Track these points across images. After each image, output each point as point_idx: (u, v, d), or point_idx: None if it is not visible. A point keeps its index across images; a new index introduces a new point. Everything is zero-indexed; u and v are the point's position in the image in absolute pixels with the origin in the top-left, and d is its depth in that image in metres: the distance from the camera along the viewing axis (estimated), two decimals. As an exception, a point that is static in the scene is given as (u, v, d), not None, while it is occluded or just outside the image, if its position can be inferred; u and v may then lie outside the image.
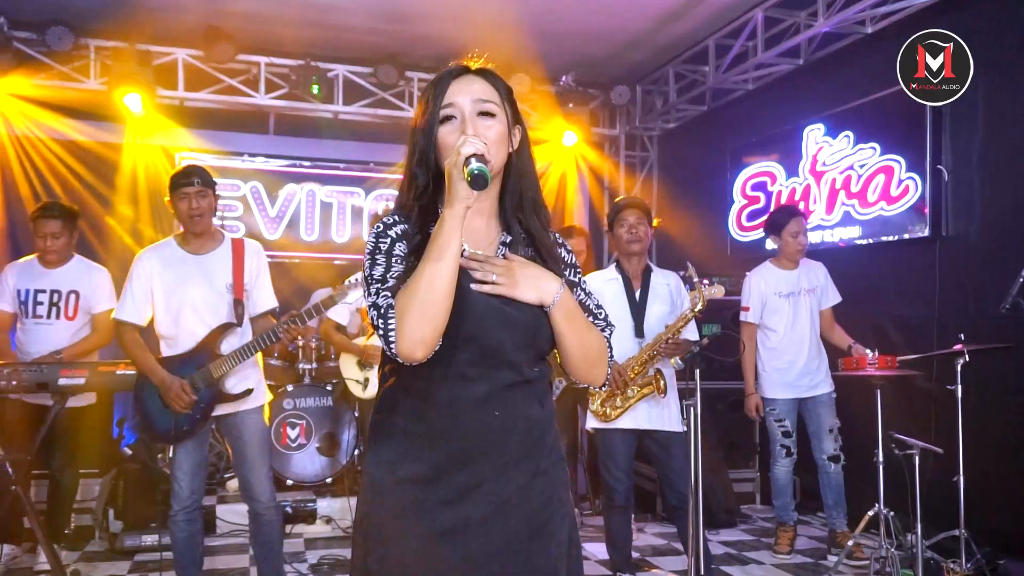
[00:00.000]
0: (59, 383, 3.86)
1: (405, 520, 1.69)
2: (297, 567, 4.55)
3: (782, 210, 5.18)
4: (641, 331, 3.98)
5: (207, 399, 3.52)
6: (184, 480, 3.52)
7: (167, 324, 3.57)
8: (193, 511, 3.56)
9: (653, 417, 3.90)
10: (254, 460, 3.61)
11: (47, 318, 4.47)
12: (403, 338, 1.60)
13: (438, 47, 7.10)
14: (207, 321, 3.56)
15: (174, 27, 6.55)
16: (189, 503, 3.54)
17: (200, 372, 3.51)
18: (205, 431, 3.62)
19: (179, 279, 3.54)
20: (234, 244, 3.68)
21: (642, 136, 8.20)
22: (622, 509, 3.97)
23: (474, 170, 1.59)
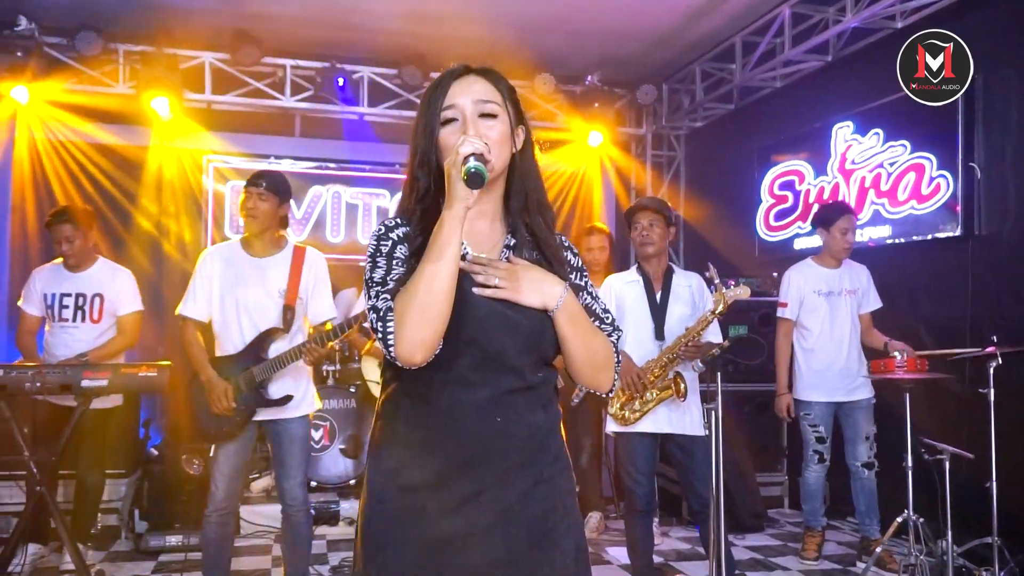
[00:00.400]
0: (82, 385, 3.91)
1: (406, 528, 1.67)
2: (319, 569, 4.56)
3: (834, 205, 5.04)
4: (661, 333, 3.92)
5: (248, 402, 3.55)
6: (222, 482, 3.55)
7: (221, 324, 3.63)
8: (227, 514, 3.58)
9: (674, 421, 3.84)
10: (291, 467, 3.63)
11: (73, 321, 4.51)
12: (402, 341, 1.58)
13: (463, 48, 7.08)
14: (258, 324, 3.60)
15: (201, 31, 6.60)
16: (223, 506, 3.56)
17: (244, 374, 3.55)
18: (248, 436, 3.62)
19: (235, 280, 3.60)
20: (295, 251, 3.71)
21: (669, 135, 8.12)
22: (643, 513, 3.92)
23: (471, 168, 1.56)
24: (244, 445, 3.62)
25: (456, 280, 1.60)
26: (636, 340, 3.94)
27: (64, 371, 3.95)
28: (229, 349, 3.61)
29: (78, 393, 3.94)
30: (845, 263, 4.87)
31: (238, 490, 3.66)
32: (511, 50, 7.16)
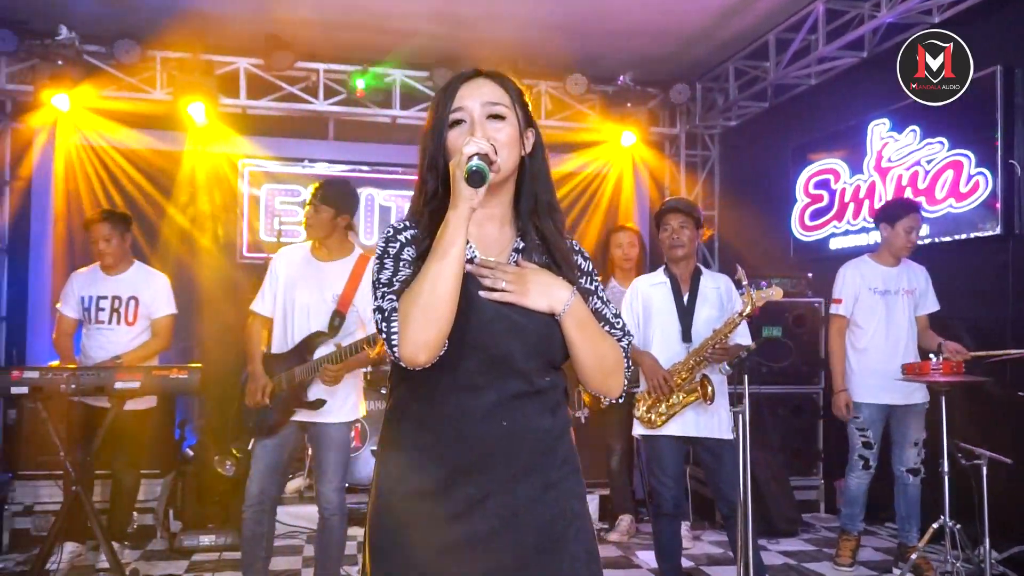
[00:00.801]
0: (115, 387, 4.01)
1: (411, 534, 1.66)
2: (349, 570, 4.58)
3: (901, 203, 4.85)
4: (689, 336, 3.88)
5: (286, 401, 3.62)
6: (256, 477, 3.61)
7: (278, 322, 3.73)
8: (260, 511, 3.61)
9: (702, 424, 3.80)
10: (328, 471, 3.66)
11: (108, 324, 4.60)
12: (405, 341, 1.57)
13: (495, 49, 7.09)
14: (308, 326, 3.66)
15: (236, 37, 6.69)
16: (256, 502, 3.60)
17: (286, 374, 3.62)
18: (287, 434, 3.66)
19: (296, 281, 3.68)
20: (359, 258, 3.77)
21: (703, 135, 8.04)
22: (671, 517, 3.87)
23: (472, 167, 1.56)
24: (283, 442, 3.66)
25: (461, 281, 1.59)
26: (663, 342, 3.90)
27: (98, 373, 4.04)
28: (279, 347, 3.70)
29: (111, 395, 4.03)
30: (903, 262, 4.71)
31: (275, 487, 3.69)
32: (542, 51, 7.16)
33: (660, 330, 3.92)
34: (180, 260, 6.83)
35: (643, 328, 3.98)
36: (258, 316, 3.77)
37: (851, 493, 4.73)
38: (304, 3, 6.22)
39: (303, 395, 3.61)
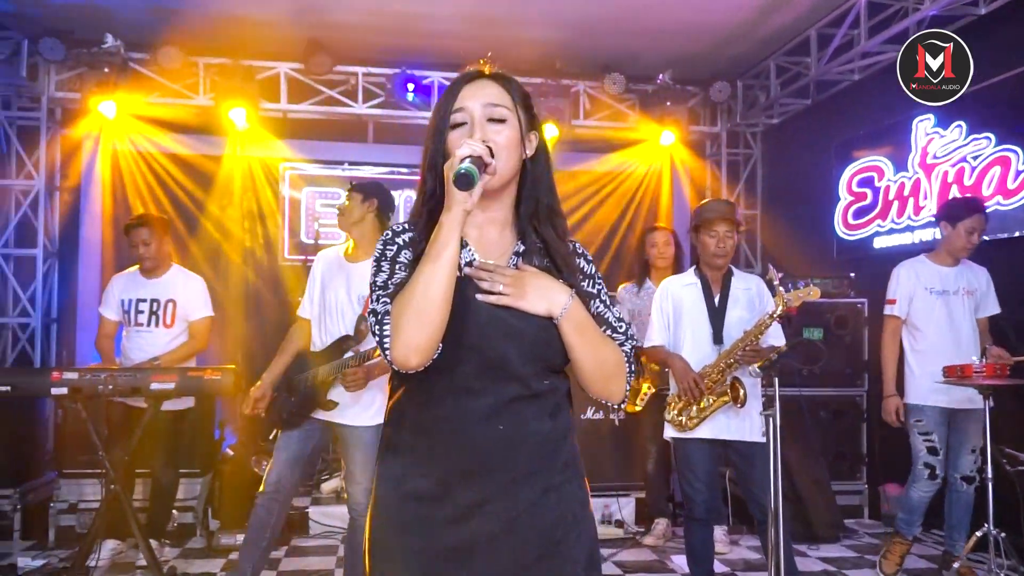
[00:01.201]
0: (151, 388, 4.05)
1: (409, 538, 1.65)
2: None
3: (966, 202, 4.64)
4: (720, 338, 3.81)
5: (306, 400, 3.67)
6: (276, 466, 3.66)
7: (315, 322, 3.79)
8: (273, 501, 3.64)
9: (733, 427, 3.73)
10: (356, 472, 3.67)
11: (147, 326, 4.69)
12: (397, 344, 1.57)
13: (532, 50, 7.07)
14: (343, 327, 3.69)
15: (276, 42, 6.78)
16: (272, 490, 3.63)
17: (312, 371, 3.66)
18: (310, 431, 3.69)
19: (329, 282, 3.74)
20: None
21: (744, 133, 7.92)
22: (702, 522, 3.81)
23: (460, 170, 1.54)
24: (306, 436, 3.69)
25: (453, 284, 1.58)
26: (694, 344, 3.84)
27: (134, 374, 4.09)
28: (316, 347, 3.75)
29: (147, 395, 4.08)
30: (963, 262, 4.54)
31: (292, 481, 3.70)
32: (578, 51, 7.13)
33: (691, 332, 3.86)
34: (222, 262, 6.95)
35: (673, 329, 3.92)
36: (300, 320, 3.86)
37: (911, 503, 4.51)
38: (342, 8, 6.28)
39: (323, 394, 3.63)
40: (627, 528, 5.38)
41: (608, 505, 5.44)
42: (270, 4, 6.20)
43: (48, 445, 5.70)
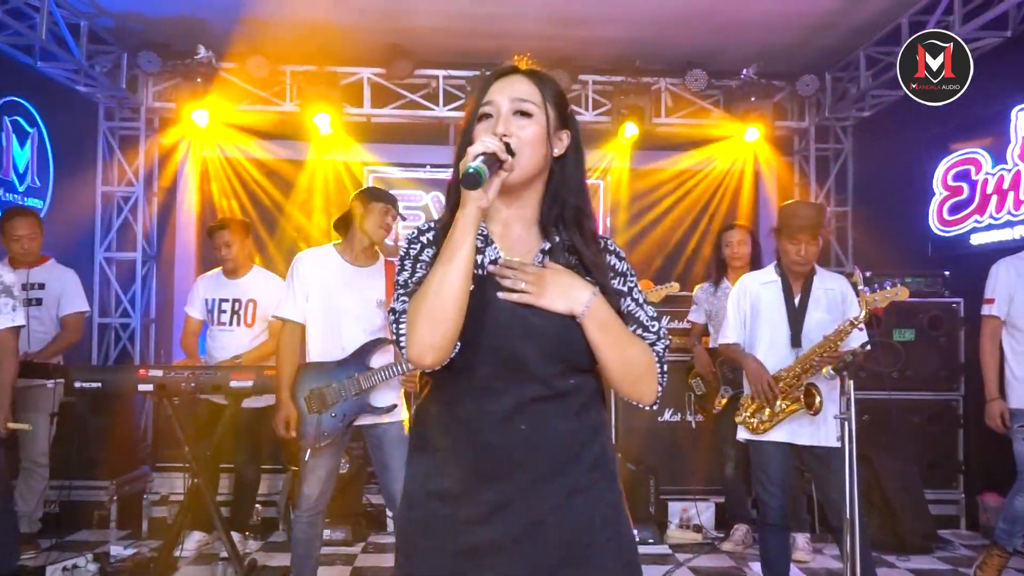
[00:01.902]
0: (231, 385, 4.21)
1: (433, 536, 1.65)
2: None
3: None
4: (798, 340, 3.67)
5: (352, 410, 3.62)
6: (315, 485, 3.63)
7: (319, 329, 3.67)
8: (316, 515, 3.67)
9: (808, 432, 3.60)
10: (396, 469, 3.66)
11: (229, 325, 4.85)
12: (412, 343, 1.57)
13: (612, 49, 7.02)
14: (362, 333, 3.67)
15: (359, 48, 6.93)
16: (311, 505, 3.64)
17: (350, 381, 3.61)
18: (342, 441, 3.73)
19: (338, 286, 3.66)
20: (387, 265, 3.81)
21: (835, 127, 7.65)
22: (777, 528, 3.69)
23: (469, 169, 1.51)
24: (338, 449, 3.72)
25: (468, 283, 1.56)
26: (770, 346, 3.72)
27: (215, 372, 4.26)
28: (329, 355, 3.65)
29: (227, 393, 4.25)
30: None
31: (328, 491, 3.73)
32: (659, 48, 7.03)
33: (768, 333, 3.74)
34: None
35: (750, 328, 3.81)
36: (290, 323, 3.67)
37: (1015, 513, 4.25)
38: (422, 12, 6.36)
39: (369, 402, 3.65)
40: (706, 533, 5.27)
41: (686, 509, 5.34)
42: (353, 11, 6.34)
43: (143, 440, 5.96)
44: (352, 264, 3.73)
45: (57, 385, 4.59)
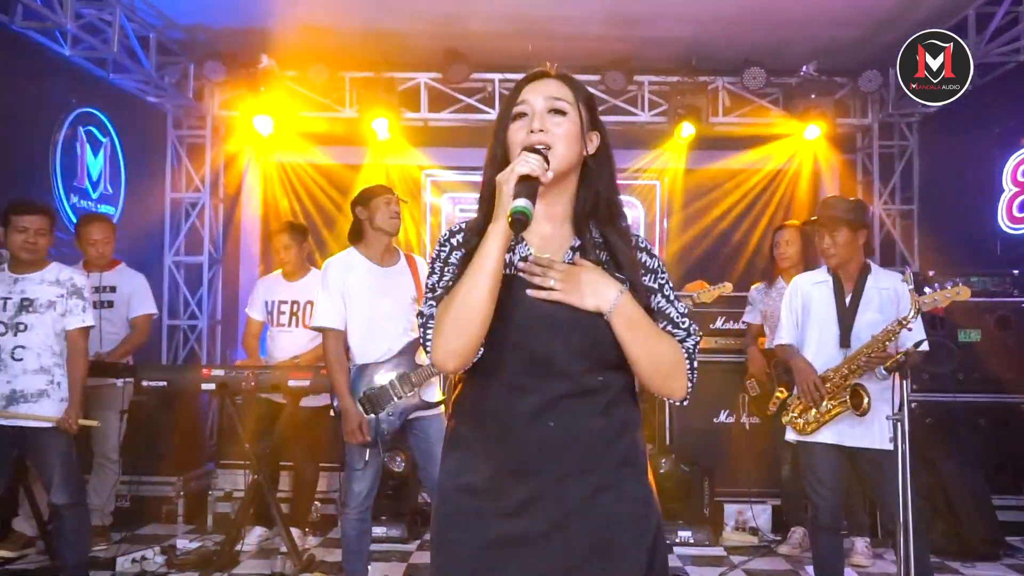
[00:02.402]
0: (288, 385, 4.36)
1: (461, 530, 1.69)
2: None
3: None
4: (847, 341, 3.60)
5: (408, 407, 3.70)
6: (365, 482, 3.71)
7: (365, 333, 3.73)
8: (364, 511, 3.74)
9: (858, 433, 3.53)
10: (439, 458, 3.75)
11: (288, 326, 4.99)
12: (436, 348, 1.63)
13: (668, 48, 7.00)
14: (403, 332, 3.74)
15: (416, 54, 7.04)
16: (361, 501, 3.72)
17: (401, 380, 3.68)
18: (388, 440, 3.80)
19: (372, 289, 3.72)
20: (407, 259, 3.90)
21: (899, 124, 7.47)
22: (829, 530, 3.63)
23: (516, 210, 1.54)
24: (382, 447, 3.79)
25: (495, 293, 1.60)
26: (819, 346, 3.67)
27: (274, 372, 4.43)
28: (372, 357, 3.71)
29: (285, 392, 4.40)
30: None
31: (376, 488, 3.79)
32: (717, 46, 6.96)
33: (817, 333, 3.69)
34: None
35: (801, 329, 3.77)
36: (332, 331, 3.69)
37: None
38: (479, 17, 6.44)
39: (423, 398, 3.71)
40: (762, 536, 5.20)
41: (742, 512, 5.28)
42: (410, 18, 6.46)
43: (209, 438, 6.15)
44: (379, 266, 3.80)
45: (126, 384, 4.78)
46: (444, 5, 6.34)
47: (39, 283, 3.89)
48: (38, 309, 3.85)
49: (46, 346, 3.85)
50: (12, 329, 3.82)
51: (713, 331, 5.58)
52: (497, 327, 1.62)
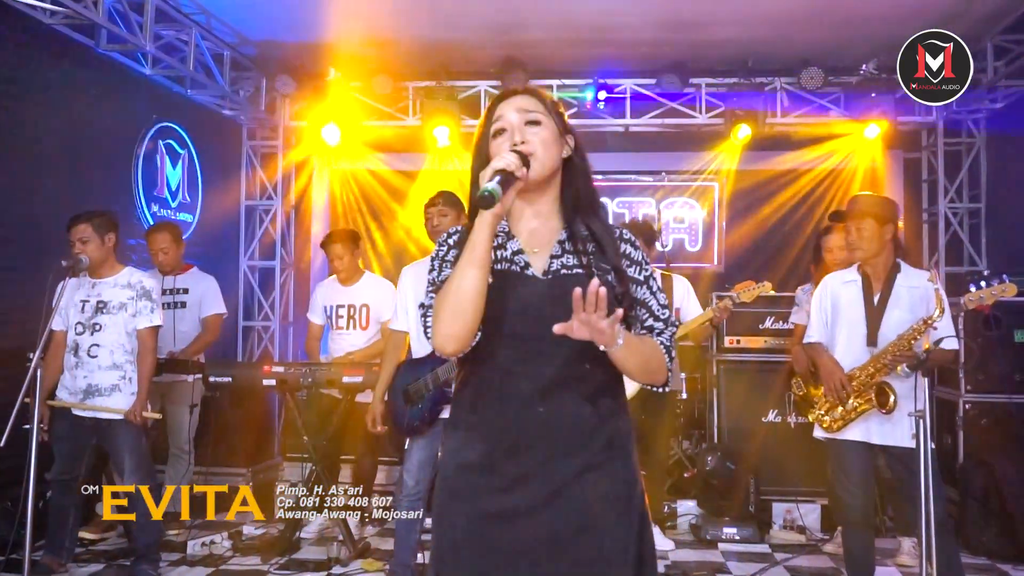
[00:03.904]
0: (343, 380, 4.62)
1: (459, 503, 1.87)
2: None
3: None
4: (874, 339, 3.64)
5: (437, 400, 3.90)
6: (412, 471, 3.94)
7: (414, 332, 4.08)
8: (415, 501, 3.95)
9: (886, 431, 3.57)
10: None
11: (346, 329, 5.27)
12: (435, 334, 1.81)
13: (725, 50, 7.02)
14: None
15: (476, 62, 7.27)
16: (413, 492, 3.94)
17: (431, 375, 3.92)
18: (435, 431, 3.96)
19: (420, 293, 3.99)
20: None
21: (966, 120, 7.32)
22: (861, 526, 3.67)
23: (484, 191, 1.71)
24: (433, 438, 3.95)
25: (484, 281, 1.77)
26: (847, 344, 3.71)
27: (329, 368, 4.70)
28: (419, 353, 4.01)
29: (340, 388, 4.67)
30: None
31: (427, 479, 3.97)
32: (774, 47, 6.96)
33: (845, 332, 3.73)
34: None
35: (830, 328, 3.81)
36: (397, 332, 4.17)
37: None
38: (536, 24, 6.59)
39: (449, 392, 3.90)
40: (810, 535, 5.21)
41: (790, 510, 5.30)
42: (469, 28, 6.66)
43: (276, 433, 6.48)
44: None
45: (196, 380, 5.11)
46: (502, 15, 6.51)
47: (112, 286, 4.25)
48: (111, 310, 4.20)
49: (118, 344, 4.20)
50: (89, 329, 4.18)
51: (762, 331, 5.61)
52: (492, 318, 1.79)
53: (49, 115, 5.24)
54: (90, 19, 5.12)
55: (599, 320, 1.65)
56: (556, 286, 1.83)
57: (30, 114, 5.08)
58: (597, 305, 1.64)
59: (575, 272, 1.87)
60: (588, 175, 1.98)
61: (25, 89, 5.04)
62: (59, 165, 5.27)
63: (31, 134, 5.08)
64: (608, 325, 1.66)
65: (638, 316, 1.92)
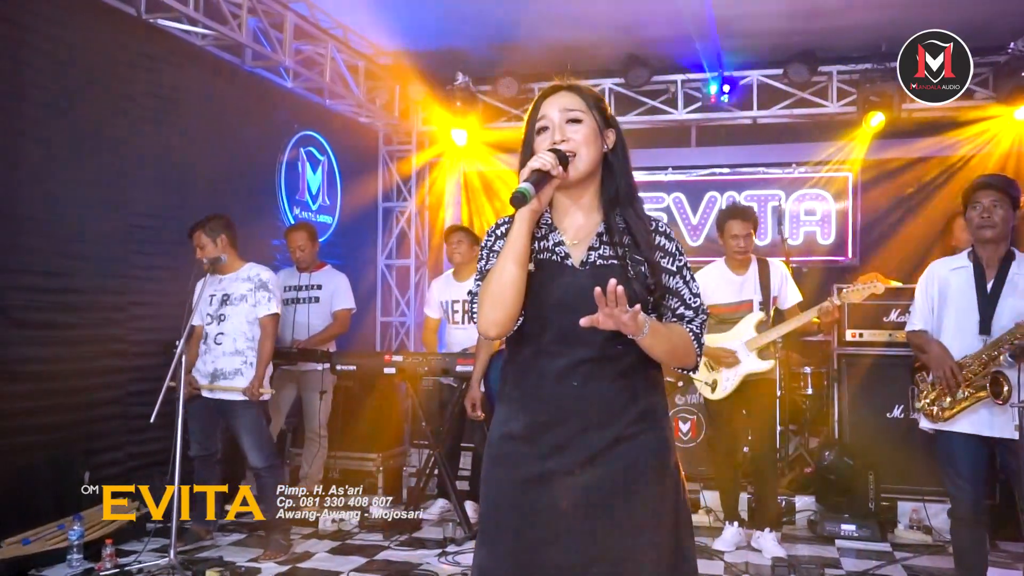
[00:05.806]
0: (456, 369, 4.87)
1: (501, 469, 2.04)
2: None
3: None
4: (988, 328, 3.46)
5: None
6: None
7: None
8: None
9: (997, 423, 3.38)
10: None
11: (461, 323, 5.52)
12: (480, 320, 1.98)
13: (857, 36, 6.81)
14: None
15: (599, 61, 7.39)
16: None
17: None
18: None
19: None
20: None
21: None
22: (969, 522, 3.52)
23: (517, 191, 1.85)
24: None
25: (524, 271, 1.91)
26: (956, 333, 3.55)
27: (444, 358, 4.95)
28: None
29: (454, 376, 4.91)
30: None
31: None
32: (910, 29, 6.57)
33: (954, 319, 3.56)
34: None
35: (937, 315, 3.66)
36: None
37: None
38: (657, 23, 6.64)
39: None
40: (936, 535, 4.97)
41: (916, 510, 5.09)
42: (592, 28, 6.79)
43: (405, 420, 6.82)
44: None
45: (325, 368, 5.49)
46: (623, 15, 6.61)
47: (235, 280, 4.68)
48: (234, 302, 4.63)
49: (240, 332, 4.61)
50: (216, 319, 4.64)
51: (887, 324, 5.40)
52: (533, 304, 1.95)
53: (204, 128, 5.76)
54: (236, 40, 5.63)
55: (621, 314, 1.79)
56: (592, 276, 1.95)
57: (189, 128, 5.61)
58: (617, 301, 1.77)
59: (610, 263, 1.99)
60: (628, 169, 2.08)
61: (183, 105, 5.58)
62: (211, 174, 5.79)
63: (188, 147, 5.60)
64: (630, 318, 1.80)
65: (669, 304, 2.03)
